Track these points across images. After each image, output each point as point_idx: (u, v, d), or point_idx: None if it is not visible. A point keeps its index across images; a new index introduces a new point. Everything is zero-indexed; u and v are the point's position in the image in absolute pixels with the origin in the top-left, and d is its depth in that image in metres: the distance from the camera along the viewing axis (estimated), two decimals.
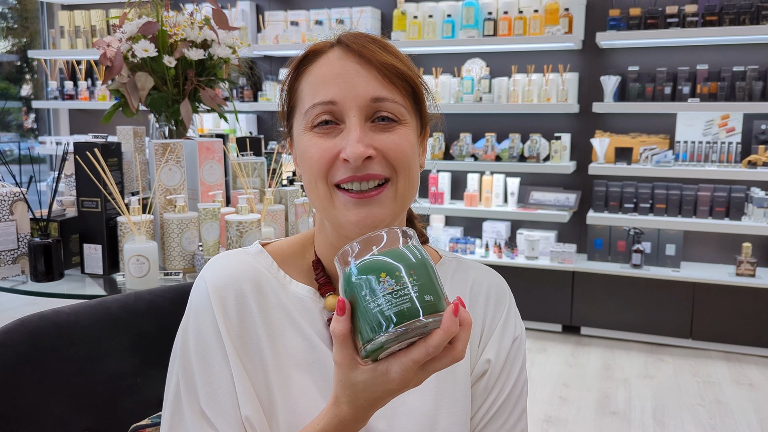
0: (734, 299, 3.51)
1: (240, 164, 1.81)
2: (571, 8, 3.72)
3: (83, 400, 0.92)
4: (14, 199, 1.65)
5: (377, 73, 0.74)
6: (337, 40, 0.77)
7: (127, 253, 1.54)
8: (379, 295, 0.59)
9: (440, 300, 0.61)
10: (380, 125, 0.74)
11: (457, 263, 0.89)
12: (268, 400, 0.76)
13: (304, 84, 0.77)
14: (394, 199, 0.75)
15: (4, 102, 6.11)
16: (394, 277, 0.59)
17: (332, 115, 0.74)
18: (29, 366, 0.87)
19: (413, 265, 0.61)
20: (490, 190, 4.04)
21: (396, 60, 0.76)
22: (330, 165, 0.74)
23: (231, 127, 4.08)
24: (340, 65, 0.74)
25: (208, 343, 0.76)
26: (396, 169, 0.74)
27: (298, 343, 0.78)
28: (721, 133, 3.69)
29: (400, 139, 0.74)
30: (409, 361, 0.59)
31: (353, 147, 0.71)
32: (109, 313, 0.98)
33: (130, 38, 1.78)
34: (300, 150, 0.77)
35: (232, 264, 0.80)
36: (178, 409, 0.76)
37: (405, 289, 0.59)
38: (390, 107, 0.74)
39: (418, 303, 0.59)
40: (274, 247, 0.85)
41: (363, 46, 0.75)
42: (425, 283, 0.60)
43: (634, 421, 2.78)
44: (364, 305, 0.60)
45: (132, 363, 0.98)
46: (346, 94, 0.73)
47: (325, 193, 0.75)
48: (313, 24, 4.22)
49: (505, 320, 0.86)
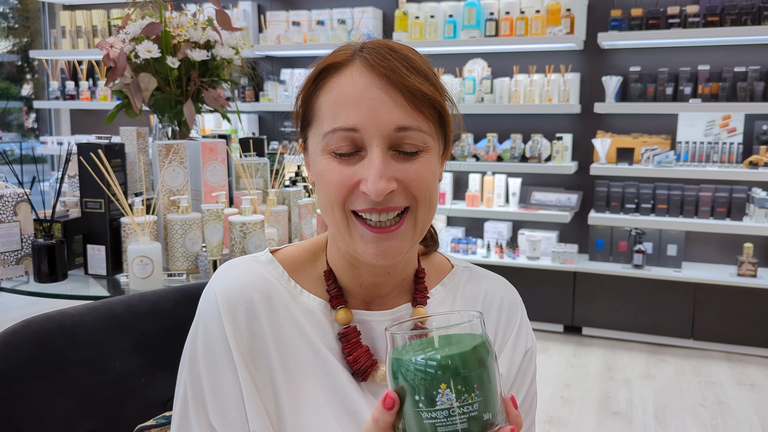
0: (736, 300, 3.51)
1: (243, 165, 1.81)
2: (572, 9, 3.72)
3: (88, 401, 0.92)
4: (18, 200, 1.65)
5: (403, 99, 0.70)
6: (359, 51, 0.73)
7: (131, 254, 1.54)
8: (435, 407, 0.55)
9: (496, 412, 0.56)
10: (403, 156, 0.71)
11: (469, 273, 0.88)
12: (277, 414, 0.75)
13: (323, 99, 0.73)
14: (413, 230, 0.73)
15: (6, 102, 6.12)
16: (454, 392, 0.54)
17: (353, 143, 0.70)
18: (34, 367, 0.87)
19: (477, 376, 0.55)
20: (491, 190, 4.04)
21: (424, 82, 0.71)
22: (349, 193, 0.71)
23: (233, 128, 4.09)
24: (363, 86, 0.70)
25: (217, 356, 0.75)
26: (417, 199, 0.72)
27: (308, 356, 0.77)
28: (723, 133, 3.69)
29: (422, 169, 0.71)
30: None
31: (375, 183, 0.68)
32: (114, 314, 0.98)
33: (134, 39, 1.78)
34: (317, 170, 0.74)
35: (242, 274, 0.78)
36: (186, 420, 0.76)
37: (464, 407, 0.54)
38: (414, 137, 0.70)
39: (475, 424, 0.55)
40: (284, 255, 0.83)
41: (389, 68, 0.70)
42: (486, 399, 0.55)
43: (636, 421, 2.78)
44: (416, 410, 0.56)
45: (136, 364, 0.98)
46: (369, 122, 0.69)
47: (342, 220, 0.72)
48: (315, 24, 4.22)
49: (518, 333, 0.85)
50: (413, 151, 0.71)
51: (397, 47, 0.73)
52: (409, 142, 0.71)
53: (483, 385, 0.56)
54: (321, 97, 0.73)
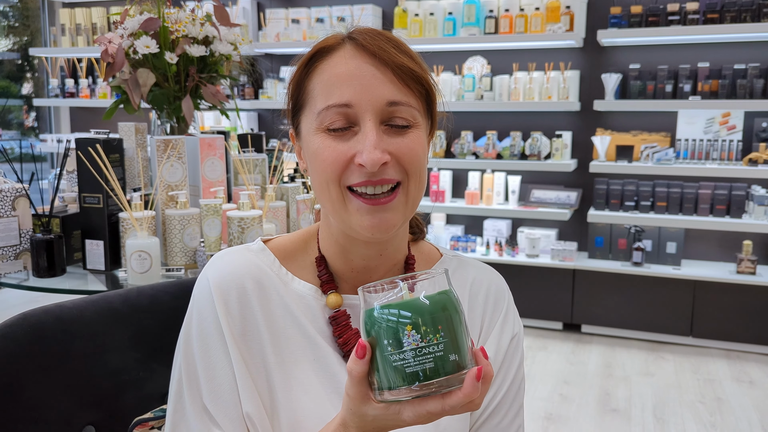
0: (735, 297, 3.51)
1: (241, 161, 1.81)
2: (572, 6, 3.72)
3: (86, 394, 0.92)
4: (16, 195, 1.65)
5: (393, 75, 0.73)
6: (348, 36, 0.76)
7: (129, 249, 1.54)
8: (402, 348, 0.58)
9: (464, 356, 0.59)
10: (394, 129, 0.74)
11: (457, 261, 0.90)
12: (270, 397, 0.77)
13: (315, 81, 0.75)
14: (405, 204, 0.75)
15: (5, 100, 6.12)
16: (420, 333, 0.58)
17: (346, 118, 0.73)
18: (32, 360, 0.87)
19: (442, 318, 0.59)
20: (491, 188, 4.04)
21: (410, 61, 0.75)
22: (344, 168, 0.73)
23: (232, 125, 4.09)
24: (355, 65, 0.73)
25: (210, 340, 0.77)
26: (408, 173, 0.74)
27: (299, 340, 0.79)
28: (722, 130, 3.69)
29: (413, 143, 0.74)
30: (424, 410, 0.60)
31: (370, 153, 0.71)
32: (112, 308, 0.98)
33: (132, 35, 1.78)
34: (311, 150, 0.76)
35: (234, 261, 0.80)
36: (181, 404, 0.77)
37: (430, 347, 0.58)
38: (405, 112, 0.73)
39: (441, 364, 0.58)
40: (276, 244, 0.85)
41: (379, 47, 0.73)
42: (451, 340, 0.59)
43: (635, 418, 2.78)
44: (386, 354, 0.59)
45: (134, 357, 0.98)
46: (362, 97, 0.72)
47: (338, 196, 0.74)
48: (315, 22, 4.22)
49: (504, 318, 0.87)
50: (404, 125, 0.74)
51: (383, 31, 0.77)
52: (400, 116, 0.74)
53: (447, 327, 0.59)
54: (313, 80, 0.76)
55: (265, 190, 1.80)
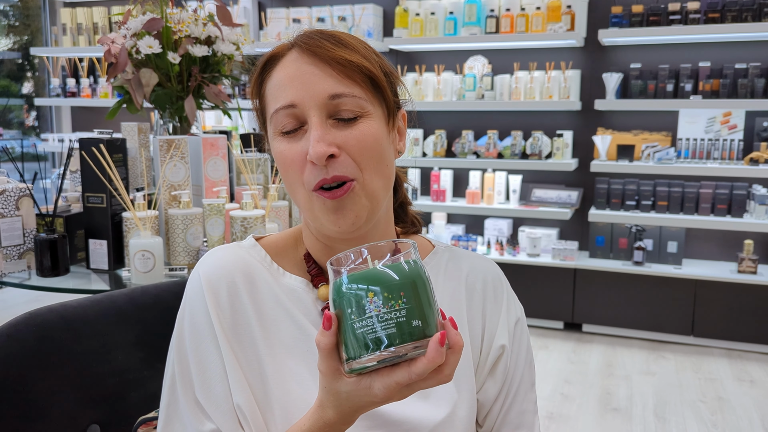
0: (736, 296, 3.51)
1: (244, 160, 1.82)
2: (573, 5, 3.72)
3: (90, 392, 0.93)
4: (20, 194, 1.65)
5: (332, 69, 0.74)
6: (292, 43, 0.78)
7: (133, 248, 1.55)
8: (365, 315, 0.58)
9: (429, 324, 0.59)
10: (342, 122, 0.75)
11: (450, 253, 0.90)
12: (263, 389, 0.78)
13: (267, 89, 0.79)
14: (365, 195, 0.76)
15: (7, 100, 6.13)
16: (381, 299, 0.58)
17: (295, 118, 0.75)
18: (37, 359, 0.88)
19: (404, 285, 0.59)
20: (492, 187, 4.05)
21: (351, 53, 0.76)
22: (302, 168, 0.75)
23: (233, 125, 4.09)
24: (296, 67, 0.75)
25: (201, 334, 0.78)
26: (361, 167, 0.75)
27: (291, 331, 0.80)
28: (723, 130, 3.69)
29: (361, 134, 0.75)
30: (392, 382, 0.60)
31: (315, 147, 0.72)
32: (116, 307, 0.99)
33: (135, 35, 1.79)
34: (274, 155, 0.79)
35: (225, 257, 0.82)
36: (174, 398, 0.79)
37: (391, 313, 0.58)
38: (349, 103, 0.74)
39: (404, 329, 0.58)
40: (267, 241, 0.87)
41: (317, 45, 0.75)
42: (414, 306, 0.59)
43: (636, 417, 2.79)
44: (350, 323, 0.59)
45: (138, 356, 0.99)
46: (303, 95, 0.74)
47: (304, 197, 0.76)
48: (315, 21, 4.22)
49: (507, 306, 0.89)
50: (351, 117, 0.75)
51: (327, 30, 0.79)
52: (345, 108, 0.75)
53: (409, 294, 0.59)
54: (266, 87, 0.79)
55: (268, 190, 1.80)
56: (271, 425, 0.77)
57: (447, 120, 4.26)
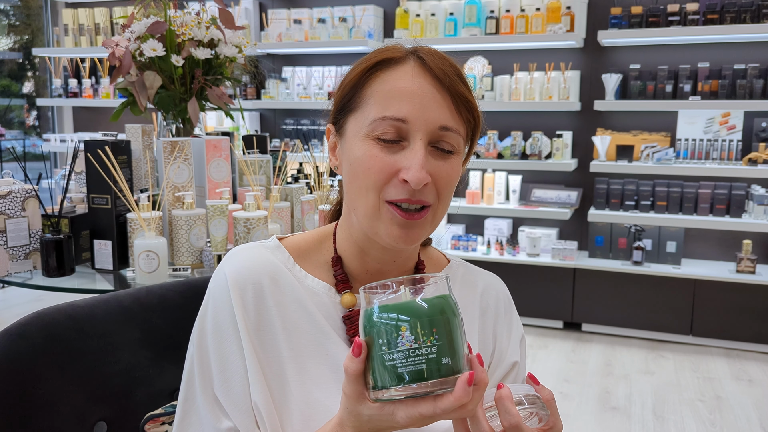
0: (734, 296, 3.53)
1: (246, 162, 1.84)
2: (572, 6, 3.74)
3: (98, 390, 0.94)
4: (26, 195, 1.67)
5: (451, 101, 0.76)
6: (414, 52, 0.78)
7: (137, 248, 1.57)
8: (396, 348, 0.59)
9: (458, 361, 0.60)
10: (439, 152, 0.76)
11: (464, 268, 0.93)
12: (281, 391, 0.79)
13: (375, 88, 0.77)
14: (432, 223, 0.79)
15: (9, 100, 6.14)
16: (414, 334, 0.58)
17: (398, 132, 0.75)
18: (45, 357, 0.89)
19: (437, 322, 0.59)
20: (492, 187, 4.06)
21: (467, 91, 0.78)
22: (387, 181, 0.75)
23: (235, 125, 4.11)
24: (418, 84, 0.75)
25: (225, 332, 0.79)
26: (440, 197, 0.77)
27: (313, 335, 0.81)
28: (722, 130, 3.71)
29: (452, 169, 0.77)
30: (416, 413, 0.61)
31: (417, 173, 0.73)
32: (122, 307, 1.01)
33: (139, 38, 1.80)
34: (354, 154, 0.77)
35: (251, 258, 0.82)
36: (192, 393, 0.80)
37: (422, 349, 0.58)
38: (452, 138, 0.76)
39: (434, 366, 0.58)
40: (290, 242, 0.87)
41: (442, 71, 0.76)
42: (445, 344, 0.59)
43: (635, 416, 2.81)
44: (380, 354, 0.60)
45: (144, 355, 1.01)
46: (418, 116, 0.74)
47: (374, 203, 0.76)
48: (316, 22, 4.24)
49: (517, 324, 0.93)
50: (449, 150, 0.77)
51: (446, 55, 0.80)
52: (448, 141, 0.76)
53: (441, 330, 0.59)
54: (373, 87, 0.77)
55: (270, 191, 1.82)
56: (287, 427, 0.78)
57: None
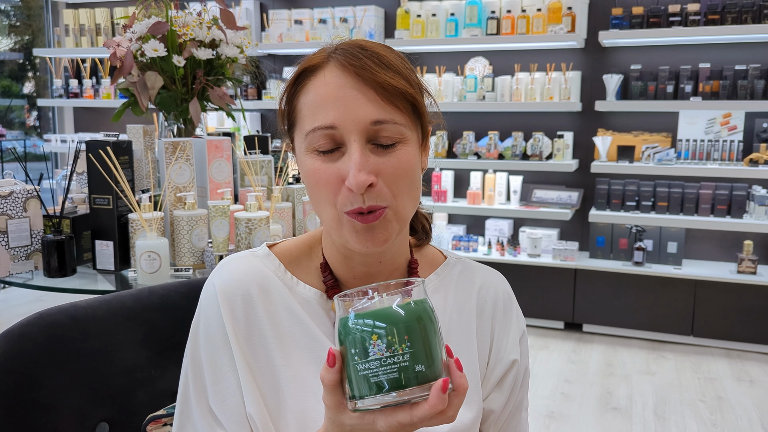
0: (735, 297, 3.53)
1: (248, 162, 1.84)
2: (573, 7, 3.74)
3: (100, 391, 0.94)
4: (28, 196, 1.68)
5: (375, 94, 0.73)
6: (332, 53, 0.76)
7: (139, 249, 1.57)
8: (368, 358, 0.58)
9: (433, 367, 0.59)
10: (381, 148, 0.74)
11: (462, 265, 0.91)
12: (276, 400, 0.79)
13: (302, 101, 0.76)
14: (398, 219, 0.76)
15: (10, 100, 6.15)
16: (385, 343, 0.57)
17: (333, 140, 0.73)
18: (47, 358, 0.89)
19: (410, 329, 0.58)
20: (492, 188, 4.06)
21: (394, 76, 0.74)
22: (335, 189, 0.73)
23: (236, 126, 4.11)
24: (337, 87, 0.73)
25: (216, 344, 0.79)
26: (395, 194, 0.74)
27: (305, 342, 0.80)
28: (723, 131, 3.71)
29: (398, 161, 0.74)
30: (395, 421, 0.60)
31: (356, 176, 0.70)
32: (124, 307, 1.01)
33: (140, 38, 1.81)
34: (304, 169, 0.77)
35: (240, 268, 0.82)
36: (188, 405, 0.80)
37: (395, 357, 0.57)
38: (390, 130, 0.73)
39: (407, 374, 0.57)
40: (281, 249, 0.86)
41: (360, 67, 0.73)
42: (419, 350, 0.58)
43: (636, 416, 2.81)
44: (353, 364, 0.59)
45: (146, 355, 1.01)
46: (345, 119, 0.72)
47: (335, 216, 0.75)
48: (317, 23, 4.24)
49: (517, 321, 0.91)
50: (390, 143, 0.74)
51: (369, 45, 0.76)
52: (386, 135, 0.73)
53: (415, 338, 0.58)
54: (301, 99, 0.77)
55: (271, 192, 1.82)
56: None
57: (448, 121, 4.26)
